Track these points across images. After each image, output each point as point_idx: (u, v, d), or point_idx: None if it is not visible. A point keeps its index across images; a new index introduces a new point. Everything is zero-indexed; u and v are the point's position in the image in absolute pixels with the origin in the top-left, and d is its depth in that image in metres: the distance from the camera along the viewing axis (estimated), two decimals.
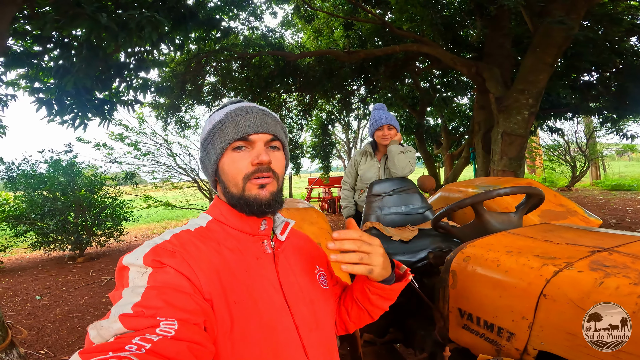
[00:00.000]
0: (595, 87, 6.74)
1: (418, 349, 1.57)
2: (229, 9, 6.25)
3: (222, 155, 0.76)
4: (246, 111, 0.77)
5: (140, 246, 0.66)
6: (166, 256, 0.63)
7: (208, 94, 8.11)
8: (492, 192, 1.05)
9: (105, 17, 2.74)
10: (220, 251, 0.71)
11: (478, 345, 0.92)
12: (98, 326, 0.52)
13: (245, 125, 0.75)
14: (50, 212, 6.30)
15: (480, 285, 0.91)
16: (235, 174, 0.74)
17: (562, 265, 0.76)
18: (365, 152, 2.54)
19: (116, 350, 0.46)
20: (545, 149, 14.33)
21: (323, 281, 0.87)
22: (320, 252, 0.96)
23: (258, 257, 0.76)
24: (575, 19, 4.16)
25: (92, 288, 4.85)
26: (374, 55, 6.88)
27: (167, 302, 0.55)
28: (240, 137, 0.74)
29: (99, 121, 4.35)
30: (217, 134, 0.76)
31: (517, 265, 0.84)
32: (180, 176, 8.99)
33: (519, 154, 4.50)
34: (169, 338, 0.50)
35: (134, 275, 0.61)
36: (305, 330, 0.73)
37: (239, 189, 0.74)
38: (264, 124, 0.76)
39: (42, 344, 3.18)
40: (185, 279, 0.62)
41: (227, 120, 0.76)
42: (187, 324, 0.54)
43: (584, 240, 0.90)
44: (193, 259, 0.66)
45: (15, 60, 3.79)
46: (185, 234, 0.72)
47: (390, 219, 1.96)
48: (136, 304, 0.54)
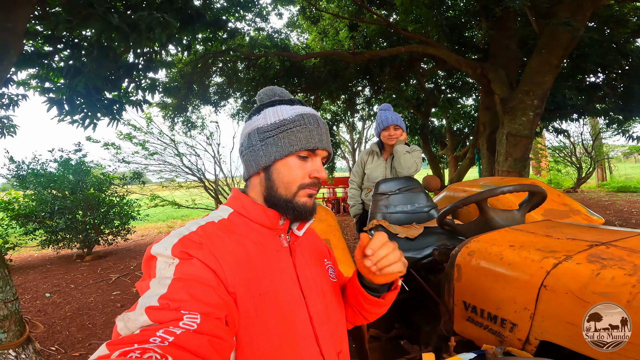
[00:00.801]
0: (602, 89, 6.72)
1: (423, 344, 1.61)
2: (236, 10, 6.32)
3: (285, 157, 0.76)
4: (317, 121, 0.78)
5: (167, 236, 0.67)
6: (194, 248, 0.64)
7: (214, 95, 8.19)
8: (496, 190, 1.09)
9: (116, 18, 2.78)
10: (243, 244, 0.73)
11: (482, 336, 0.96)
12: (125, 318, 0.54)
13: (318, 138, 0.77)
14: (59, 211, 6.39)
15: (484, 278, 0.94)
16: (292, 181, 0.76)
17: (562, 258, 0.80)
18: (372, 151, 2.58)
19: (141, 342, 0.47)
20: (551, 151, 14.26)
21: (332, 274, 0.89)
22: (325, 246, 0.99)
23: (277, 250, 0.78)
24: (581, 20, 4.16)
25: (100, 286, 4.92)
26: (379, 56, 6.92)
27: (192, 295, 0.57)
28: (311, 148, 0.76)
29: (107, 121, 4.42)
30: (287, 133, 0.76)
31: (519, 258, 0.88)
32: (186, 176, 9.08)
33: (523, 155, 4.51)
34: (191, 331, 0.51)
35: (161, 266, 0.62)
36: (318, 323, 0.75)
37: (290, 194, 0.76)
38: (327, 141, 0.79)
39: (52, 341, 3.25)
40: (211, 271, 0.63)
41: (299, 124, 0.76)
42: (209, 318, 0.55)
43: (583, 236, 0.93)
44: (219, 251, 0.67)
45: (26, 61, 3.84)
46: (210, 225, 0.73)
47: (396, 217, 2.00)
48: (162, 295, 0.56)
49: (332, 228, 1.67)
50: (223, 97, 8.26)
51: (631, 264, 0.70)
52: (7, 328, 1.71)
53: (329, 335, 0.77)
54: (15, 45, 2.56)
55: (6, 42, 2.53)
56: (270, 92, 0.86)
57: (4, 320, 1.70)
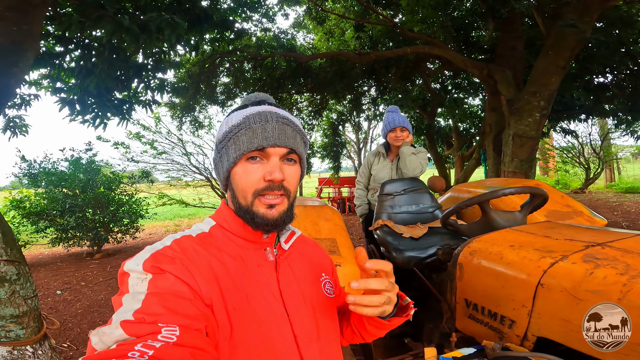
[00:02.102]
0: (610, 89, 6.67)
1: (426, 341, 1.64)
2: (242, 11, 6.37)
3: (235, 164, 0.73)
4: (265, 119, 0.72)
5: (141, 252, 0.65)
6: (165, 262, 0.62)
7: (221, 94, 8.27)
8: (498, 192, 1.12)
9: (127, 19, 2.84)
10: (220, 257, 0.70)
11: (483, 333, 1.00)
12: (100, 332, 0.52)
13: (263, 136, 0.70)
14: (70, 209, 6.50)
15: (484, 277, 0.98)
16: (246, 187, 0.71)
17: (558, 258, 0.83)
18: (378, 152, 2.63)
19: (119, 357, 0.46)
20: (558, 151, 14.15)
21: (329, 289, 0.84)
22: (327, 259, 0.94)
23: (260, 264, 0.74)
24: (588, 22, 4.15)
25: (110, 283, 5.01)
26: (384, 57, 6.93)
27: (168, 308, 0.55)
28: (255, 149, 0.70)
29: (117, 121, 4.49)
30: (232, 139, 0.72)
31: (518, 258, 0.92)
32: (193, 175, 9.18)
33: (529, 156, 4.52)
34: (171, 344, 0.50)
35: (133, 282, 0.60)
36: (304, 341, 0.71)
37: (248, 202, 0.72)
38: (282, 136, 0.72)
39: (64, 338, 3.32)
40: (185, 285, 0.61)
41: (243, 127, 0.71)
42: (188, 330, 0.54)
43: (581, 236, 0.97)
44: (193, 264, 0.65)
45: (38, 61, 3.90)
46: (186, 239, 0.71)
47: (401, 217, 2.04)
48: (137, 310, 0.54)
49: (339, 227, 1.71)
50: (230, 97, 8.34)
51: (624, 263, 0.73)
52: (25, 324, 1.77)
53: (318, 354, 0.73)
54: (31, 47, 2.62)
55: (22, 43, 2.59)
56: (248, 99, 0.82)
57: (23, 317, 1.76)
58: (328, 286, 0.84)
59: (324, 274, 0.86)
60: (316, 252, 0.91)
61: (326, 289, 0.83)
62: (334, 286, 0.87)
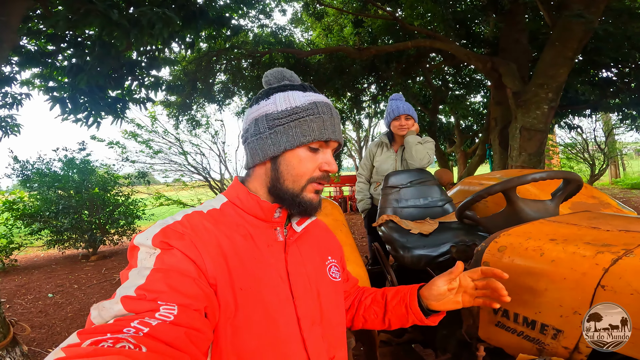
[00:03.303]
0: (615, 84, 6.54)
1: (440, 349, 1.48)
2: (239, 7, 6.22)
3: (294, 148, 0.71)
4: (330, 111, 0.73)
5: (152, 225, 0.66)
6: (175, 238, 0.62)
7: (219, 93, 8.12)
8: (527, 177, 0.96)
9: (116, 14, 2.73)
10: (230, 235, 0.69)
11: (515, 344, 0.83)
12: (100, 307, 0.53)
13: (331, 129, 0.72)
14: (64, 210, 6.36)
15: (519, 278, 0.81)
16: (302, 174, 0.71)
17: (621, 253, 0.67)
18: (381, 143, 2.45)
19: (114, 332, 0.46)
20: (563, 147, 13.97)
21: (334, 273, 0.83)
22: (336, 244, 0.93)
23: (269, 244, 0.73)
24: (595, 12, 4.03)
25: (104, 286, 4.86)
26: (385, 52, 6.79)
27: (170, 286, 0.55)
28: (324, 139, 0.71)
29: (111, 119, 4.37)
30: (299, 122, 0.70)
31: (566, 254, 0.75)
32: (191, 175, 9.02)
33: (538, 150, 4.35)
34: (167, 323, 0.50)
35: (142, 256, 0.61)
36: (307, 324, 0.70)
37: (298, 187, 0.72)
38: (338, 132, 0.74)
39: (51, 342, 3.18)
40: (192, 262, 0.60)
41: (312, 112, 0.71)
42: (187, 310, 0.54)
43: (636, 227, 0.81)
44: (201, 241, 0.64)
45: (30, 60, 3.82)
46: (197, 215, 0.70)
47: (407, 212, 1.87)
48: (140, 286, 0.54)
49: (339, 223, 1.55)
50: (228, 95, 8.20)
51: None
52: None
53: (320, 338, 0.72)
54: (8, 38, 2.52)
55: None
56: (279, 74, 0.81)
57: None
58: (334, 270, 0.83)
59: (330, 258, 0.85)
60: (325, 235, 0.91)
61: (331, 272, 0.82)
62: (340, 270, 0.87)
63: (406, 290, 0.89)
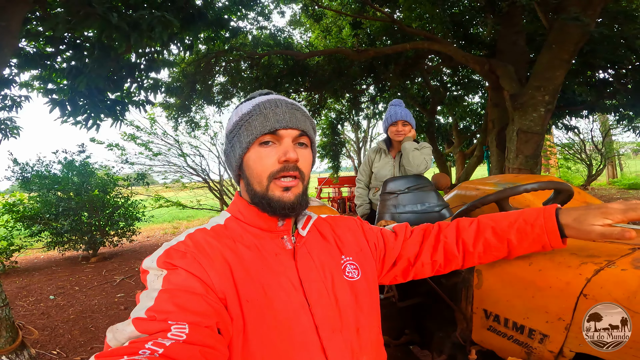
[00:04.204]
0: (612, 85, 6.58)
1: (436, 351, 1.52)
2: (237, 9, 6.25)
3: (248, 150, 0.72)
4: (275, 104, 0.73)
5: (158, 249, 0.68)
6: (177, 257, 0.64)
7: (218, 94, 8.14)
8: (519, 188, 1.00)
9: (115, 17, 2.75)
10: (235, 248, 0.70)
11: (506, 347, 0.87)
12: (114, 329, 0.55)
13: (274, 119, 0.71)
14: (64, 212, 6.38)
15: (509, 285, 0.85)
16: (261, 171, 0.71)
17: (603, 264, 0.71)
18: (379, 149, 2.49)
19: (130, 354, 0.47)
20: (560, 148, 14.02)
21: (350, 272, 0.79)
22: (349, 236, 0.86)
23: (277, 253, 0.73)
24: (591, 15, 4.06)
25: (104, 288, 4.89)
26: (383, 54, 6.82)
27: (179, 306, 0.56)
28: (268, 131, 0.70)
29: (111, 122, 4.39)
30: (244, 126, 0.72)
31: (553, 264, 0.79)
32: (191, 176, 9.05)
33: (535, 152, 4.39)
34: (180, 342, 0.51)
35: (151, 279, 0.63)
36: (327, 331, 0.69)
37: (263, 187, 0.71)
38: (293, 119, 0.72)
39: (54, 344, 3.20)
40: (197, 279, 0.62)
41: (255, 113, 0.72)
42: (198, 327, 0.55)
43: None
44: (205, 257, 0.65)
45: (29, 62, 3.83)
46: (199, 232, 0.72)
47: (405, 218, 1.91)
48: (149, 308, 0.56)
49: None
50: (227, 96, 8.21)
51: None
52: None
53: (342, 345, 0.70)
54: (9, 43, 2.54)
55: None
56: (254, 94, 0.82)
57: None
58: (349, 268, 0.79)
59: (344, 256, 0.81)
60: (338, 231, 0.87)
61: (346, 272, 0.79)
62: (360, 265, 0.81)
63: (536, 217, 0.79)
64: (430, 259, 0.89)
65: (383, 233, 0.94)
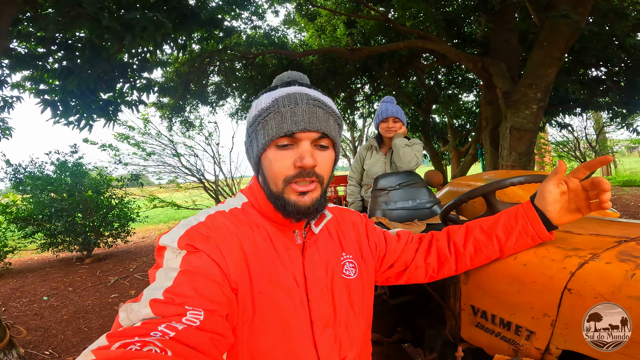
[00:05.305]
0: (604, 82, 6.62)
1: (427, 349, 1.51)
2: (231, 9, 6.22)
3: (265, 150, 0.69)
4: (295, 101, 0.67)
5: (176, 226, 0.67)
6: (200, 241, 0.63)
7: (212, 94, 8.10)
8: (505, 181, 0.99)
9: (106, 18, 2.72)
10: (251, 237, 0.70)
11: (493, 344, 0.86)
12: (128, 309, 0.54)
13: (292, 120, 0.66)
14: (57, 214, 6.32)
15: (495, 280, 0.85)
16: (276, 175, 0.68)
17: (587, 257, 0.70)
18: (370, 146, 2.48)
19: (142, 335, 0.47)
20: (554, 145, 14.10)
21: (348, 270, 0.80)
22: (352, 234, 0.87)
23: (287, 247, 0.73)
24: (582, 13, 4.08)
25: (99, 288, 4.85)
26: (377, 52, 6.82)
27: (197, 291, 0.56)
28: (284, 134, 0.66)
29: (104, 122, 4.35)
30: (261, 124, 0.69)
31: (537, 257, 0.78)
32: (185, 176, 9.00)
33: (528, 149, 4.41)
34: (193, 327, 0.51)
35: (169, 256, 0.62)
36: (319, 327, 0.70)
37: (279, 189, 0.69)
38: (312, 120, 0.67)
39: (47, 345, 3.18)
40: (217, 266, 0.62)
41: (272, 110, 0.67)
42: (213, 315, 0.55)
43: (607, 231, 0.84)
44: (225, 245, 0.65)
45: (20, 62, 3.79)
46: (219, 215, 0.71)
47: (396, 214, 1.91)
48: (167, 289, 0.55)
49: None
50: (221, 96, 8.18)
51: None
52: None
53: (332, 339, 0.72)
54: None
55: None
56: (279, 79, 0.80)
57: None
58: (348, 267, 0.81)
59: (345, 254, 0.82)
60: (341, 224, 0.87)
61: (344, 270, 0.80)
62: (359, 264, 0.83)
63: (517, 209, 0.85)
64: (423, 262, 0.93)
65: (386, 234, 0.97)
